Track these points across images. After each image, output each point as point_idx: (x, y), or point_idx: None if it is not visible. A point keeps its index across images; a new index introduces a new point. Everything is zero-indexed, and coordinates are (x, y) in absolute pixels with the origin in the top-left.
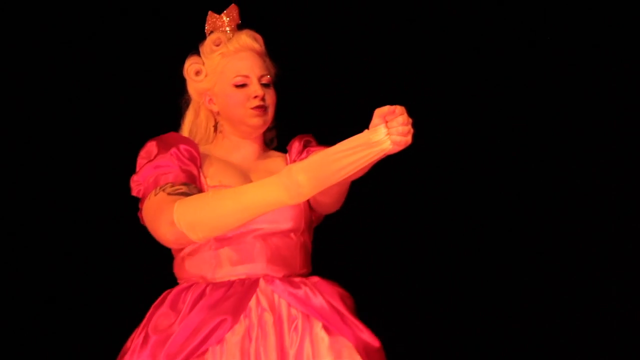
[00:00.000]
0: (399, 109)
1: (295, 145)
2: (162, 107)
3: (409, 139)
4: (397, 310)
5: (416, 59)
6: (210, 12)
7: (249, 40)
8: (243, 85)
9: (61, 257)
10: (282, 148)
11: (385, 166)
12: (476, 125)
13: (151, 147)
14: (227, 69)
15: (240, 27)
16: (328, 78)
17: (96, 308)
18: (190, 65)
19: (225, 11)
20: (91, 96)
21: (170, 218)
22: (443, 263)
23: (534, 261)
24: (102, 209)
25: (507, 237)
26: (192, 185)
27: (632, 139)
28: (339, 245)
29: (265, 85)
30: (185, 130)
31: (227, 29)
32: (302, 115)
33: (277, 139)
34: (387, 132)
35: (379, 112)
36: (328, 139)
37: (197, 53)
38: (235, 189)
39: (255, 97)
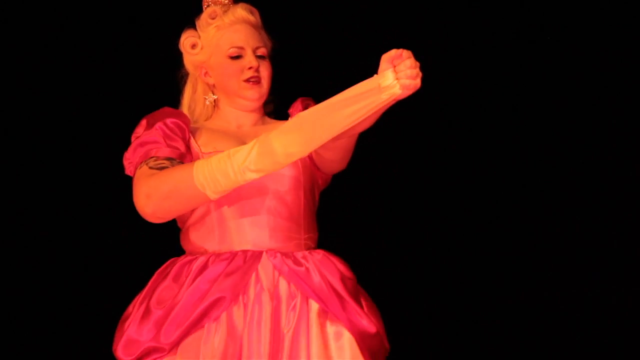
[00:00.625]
0: (405, 52)
1: (298, 109)
2: (162, 83)
3: (418, 83)
4: (401, 282)
5: (413, 37)
6: None
7: (244, 12)
8: (238, 57)
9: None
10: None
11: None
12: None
13: (142, 125)
14: (222, 41)
15: (236, 1)
16: (325, 52)
17: (101, 273)
18: (186, 39)
19: None
20: (89, 74)
21: (147, 190)
22: (451, 245)
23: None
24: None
25: (512, 228)
26: (176, 160)
27: (632, 138)
28: (347, 212)
29: (260, 57)
30: (185, 105)
31: (224, 2)
32: (299, 89)
33: (275, 112)
34: (396, 76)
35: (386, 57)
36: None
37: (194, 27)
38: (224, 153)
39: (250, 68)
